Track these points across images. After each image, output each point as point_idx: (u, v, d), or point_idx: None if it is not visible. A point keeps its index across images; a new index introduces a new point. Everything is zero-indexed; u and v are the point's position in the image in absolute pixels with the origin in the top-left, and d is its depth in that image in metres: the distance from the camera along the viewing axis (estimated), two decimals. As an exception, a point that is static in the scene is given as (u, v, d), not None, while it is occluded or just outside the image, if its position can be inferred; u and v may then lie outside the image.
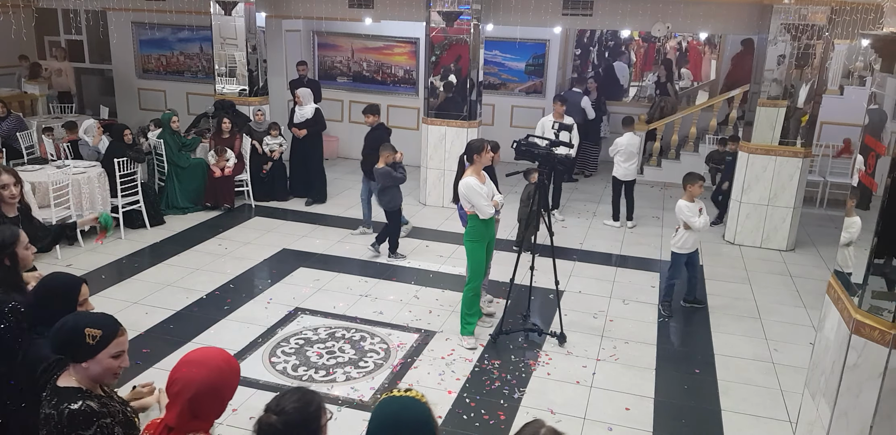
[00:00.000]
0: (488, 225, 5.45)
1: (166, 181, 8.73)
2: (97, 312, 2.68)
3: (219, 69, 9.86)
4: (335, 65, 11.66)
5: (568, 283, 6.81)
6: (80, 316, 2.54)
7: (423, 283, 6.79)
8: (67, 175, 7.20)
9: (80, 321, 2.46)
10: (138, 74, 12.26)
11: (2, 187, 4.10)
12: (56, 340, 2.45)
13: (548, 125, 8.29)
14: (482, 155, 5.32)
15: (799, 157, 7.73)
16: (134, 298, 6.21)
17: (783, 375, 5.28)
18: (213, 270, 6.92)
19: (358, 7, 9.52)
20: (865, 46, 9.96)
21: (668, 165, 10.71)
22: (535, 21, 8.94)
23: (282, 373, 5.08)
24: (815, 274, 7.28)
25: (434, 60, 9.00)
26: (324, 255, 7.44)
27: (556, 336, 5.63)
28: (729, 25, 8.64)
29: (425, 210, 9.15)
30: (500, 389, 4.96)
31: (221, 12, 9.61)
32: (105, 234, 4.48)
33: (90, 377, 2.45)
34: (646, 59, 16.51)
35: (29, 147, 9.31)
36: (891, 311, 3.27)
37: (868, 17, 6.92)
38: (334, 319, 5.95)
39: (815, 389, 3.91)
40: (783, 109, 7.68)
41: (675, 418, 4.70)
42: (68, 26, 12.59)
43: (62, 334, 2.44)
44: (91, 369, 2.43)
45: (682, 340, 5.89)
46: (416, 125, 10.95)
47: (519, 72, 11.32)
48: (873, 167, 3.54)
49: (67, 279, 2.99)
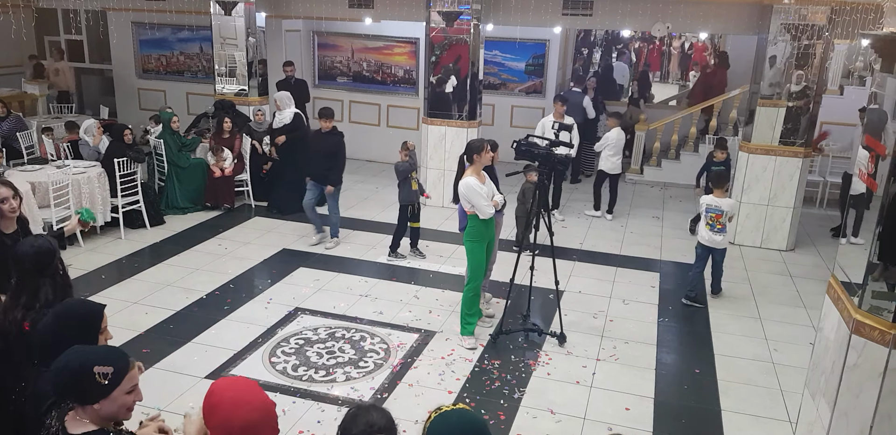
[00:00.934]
0: (488, 225, 5.45)
1: (166, 181, 8.73)
2: (101, 346, 2.49)
3: (219, 69, 9.87)
4: (335, 65, 11.66)
5: (568, 283, 6.81)
6: (84, 352, 2.23)
7: (423, 283, 6.79)
8: (67, 175, 7.20)
9: (85, 359, 2.17)
10: (138, 74, 12.26)
11: (1, 201, 3.86)
12: (60, 382, 2.17)
13: (548, 125, 8.28)
14: (482, 155, 5.31)
15: (799, 157, 7.73)
16: (134, 298, 6.21)
17: (783, 375, 5.28)
18: (213, 270, 6.92)
19: (358, 7, 9.52)
20: (865, 46, 9.96)
21: (668, 165, 10.71)
22: (535, 21, 8.94)
23: (282, 373, 5.08)
24: (815, 274, 7.28)
25: (434, 60, 8.99)
26: (324, 255, 7.44)
27: (556, 336, 5.63)
28: (729, 25, 8.64)
29: (425, 210, 9.11)
30: (500, 389, 4.96)
31: (221, 12, 9.62)
32: (88, 224, 4.49)
33: (103, 417, 2.21)
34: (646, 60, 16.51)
35: (29, 147, 9.31)
36: (891, 311, 3.27)
37: (868, 17, 6.93)
38: (334, 319, 5.95)
39: (815, 389, 3.91)
40: (783, 109, 7.69)
41: (675, 418, 4.70)
42: (68, 26, 12.59)
43: (66, 375, 2.15)
44: (104, 409, 2.18)
45: (682, 340, 5.89)
46: (416, 125, 10.95)
47: (519, 72, 11.32)
48: (873, 167, 3.54)
49: (89, 306, 2.71)
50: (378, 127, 11.58)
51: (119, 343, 5.29)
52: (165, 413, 4.47)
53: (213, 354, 5.29)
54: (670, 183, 10.63)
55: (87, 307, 2.69)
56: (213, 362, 5.17)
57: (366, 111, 11.59)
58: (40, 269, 3.15)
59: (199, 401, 2.23)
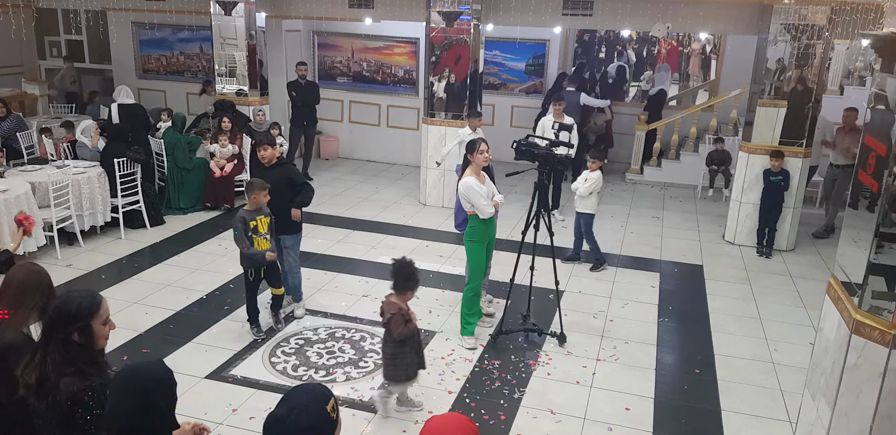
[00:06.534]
0: (488, 225, 5.45)
1: (167, 181, 8.73)
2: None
3: (219, 69, 9.87)
4: (335, 65, 11.66)
5: (568, 283, 6.81)
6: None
7: (423, 283, 6.72)
8: (67, 175, 7.20)
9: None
10: (138, 74, 12.27)
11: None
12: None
13: (548, 125, 8.29)
14: (474, 155, 5.31)
15: (799, 157, 7.73)
16: (134, 298, 6.21)
17: (783, 375, 5.28)
18: (213, 270, 6.91)
19: (358, 7, 9.52)
20: (865, 46, 9.96)
21: (668, 165, 10.71)
22: (535, 21, 8.94)
23: (282, 373, 5.08)
24: (815, 274, 7.28)
25: (434, 60, 8.99)
26: (324, 255, 7.44)
27: (556, 336, 5.63)
28: (729, 25, 8.64)
29: (425, 210, 9.14)
30: (500, 389, 4.96)
31: (221, 12, 9.62)
32: (31, 224, 4.42)
33: None
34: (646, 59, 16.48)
35: (29, 147, 9.30)
36: (891, 311, 3.27)
37: (868, 17, 6.93)
38: (334, 319, 5.95)
39: (815, 390, 3.91)
40: (783, 109, 7.69)
41: (675, 418, 4.70)
42: (68, 26, 12.57)
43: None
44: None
45: (682, 340, 5.88)
46: (416, 125, 10.96)
47: (519, 72, 11.33)
48: (873, 167, 3.54)
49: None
50: (378, 127, 11.58)
51: (119, 343, 5.32)
52: (165, 413, 4.47)
53: (213, 354, 5.29)
54: (670, 183, 10.63)
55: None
56: (213, 362, 5.17)
57: (366, 111, 11.59)
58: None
59: (199, 401, 2.21)
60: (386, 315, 4.34)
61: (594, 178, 7.01)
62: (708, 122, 10.93)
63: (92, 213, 7.53)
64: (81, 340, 2.52)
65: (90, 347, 2.56)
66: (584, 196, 7.05)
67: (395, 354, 4.38)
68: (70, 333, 2.51)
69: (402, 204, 9.36)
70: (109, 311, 2.65)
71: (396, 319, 4.28)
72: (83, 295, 2.60)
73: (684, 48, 16.32)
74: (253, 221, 5.31)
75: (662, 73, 11.75)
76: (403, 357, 4.38)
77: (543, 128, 8.42)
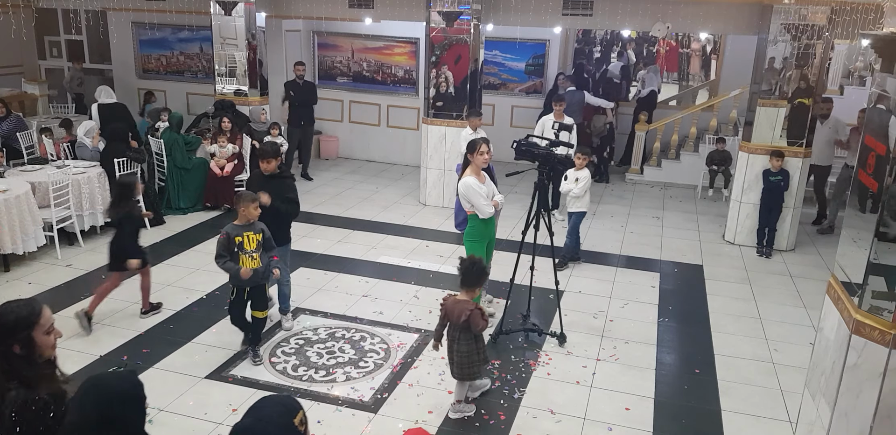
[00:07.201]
0: (488, 225, 5.45)
1: (167, 181, 8.73)
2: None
3: (219, 69, 9.87)
4: (335, 65, 11.67)
5: (568, 283, 6.81)
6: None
7: (423, 283, 6.78)
8: (67, 175, 7.20)
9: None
10: (138, 74, 12.27)
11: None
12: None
13: (548, 125, 8.29)
14: (474, 155, 5.31)
15: (799, 157, 7.73)
16: (134, 298, 6.19)
17: (783, 375, 5.28)
18: (214, 270, 6.85)
19: (358, 7, 9.53)
20: (865, 46, 9.96)
21: (668, 165, 10.71)
22: (535, 21, 8.94)
23: (282, 373, 5.08)
24: (815, 274, 7.28)
25: (434, 60, 8.99)
26: (324, 255, 7.44)
27: (556, 336, 5.63)
28: (729, 25, 8.64)
29: (425, 210, 9.14)
30: (500, 389, 4.96)
31: (221, 12, 9.62)
32: None
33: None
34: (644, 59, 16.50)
35: (29, 147, 9.30)
36: (891, 311, 3.27)
37: (868, 17, 6.93)
38: (334, 319, 5.95)
39: (815, 390, 3.91)
40: (783, 109, 7.69)
41: (675, 418, 4.70)
42: (68, 26, 12.58)
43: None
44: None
45: (682, 340, 5.88)
46: (416, 125, 10.96)
47: (519, 72, 11.33)
48: (873, 167, 3.54)
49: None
50: (378, 127, 11.59)
51: (119, 343, 5.33)
52: (165, 413, 4.48)
53: (213, 354, 5.29)
54: (670, 183, 10.64)
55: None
56: (213, 362, 5.17)
57: (366, 111, 11.59)
58: None
59: (199, 401, 2.21)
60: (463, 313, 4.33)
61: (586, 177, 6.98)
62: (708, 122, 10.93)
63: (92, 213, 7.54)
64: (23, 352, 2.42)
65: (33, 358, 2.45)
66: (580, 196, 7.03)
67: (469, 352, 4.43)
68: (10, 346, 2.41)
69: (402, 204, 9.36)
70: (53, 319, 2.54)
71: (476, 315, 4.32)
72: (21, 305, 2.49)
73: (683, 48, 16.34)
74: (239, 237, 4.94)
75: (651, 74, 11.69)
76: (478, 353, 4.46)
77: (543, 127, 8.43)
